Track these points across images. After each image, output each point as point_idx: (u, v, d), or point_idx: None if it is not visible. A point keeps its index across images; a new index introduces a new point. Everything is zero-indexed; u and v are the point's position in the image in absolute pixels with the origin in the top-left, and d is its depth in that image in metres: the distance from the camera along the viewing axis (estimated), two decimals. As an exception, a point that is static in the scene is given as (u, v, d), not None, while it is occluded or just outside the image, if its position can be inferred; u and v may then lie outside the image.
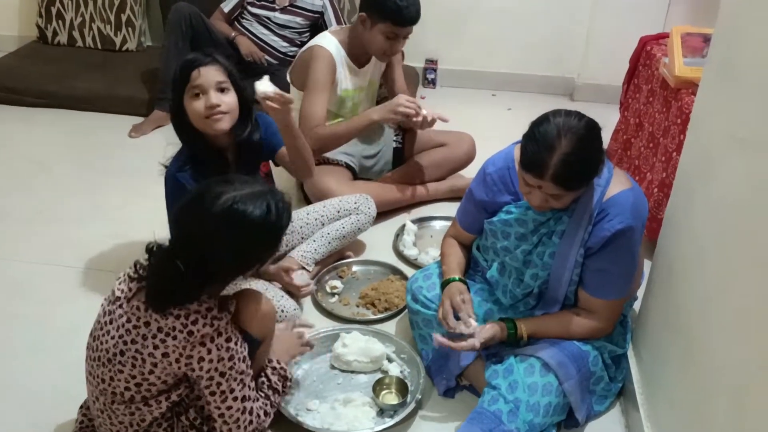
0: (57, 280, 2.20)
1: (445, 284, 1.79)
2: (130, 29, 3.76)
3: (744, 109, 1.28)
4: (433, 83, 3.74)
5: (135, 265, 1.39)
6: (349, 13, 3.57)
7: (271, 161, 2.10)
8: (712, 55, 1.49)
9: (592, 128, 1.52)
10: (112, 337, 1.37)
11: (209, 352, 1.33)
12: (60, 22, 3.78)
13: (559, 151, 1.47)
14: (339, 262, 2.30)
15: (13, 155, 2.98)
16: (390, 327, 2.04)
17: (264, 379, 1.58)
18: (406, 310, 2.02)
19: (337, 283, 2.20)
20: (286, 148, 1.98)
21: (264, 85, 1.81)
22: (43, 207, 2.61)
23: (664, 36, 2.58)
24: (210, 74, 1.76)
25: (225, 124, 1.80)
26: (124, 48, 3.79)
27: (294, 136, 1.95)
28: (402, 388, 1.78)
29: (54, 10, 3.76)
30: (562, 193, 1.53)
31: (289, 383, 1.63)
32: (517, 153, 1.74)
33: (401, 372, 1.85)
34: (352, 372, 1.86)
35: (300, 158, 2.00)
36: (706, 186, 1.44)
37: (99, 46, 3.80)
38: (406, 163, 2.66)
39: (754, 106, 1.23)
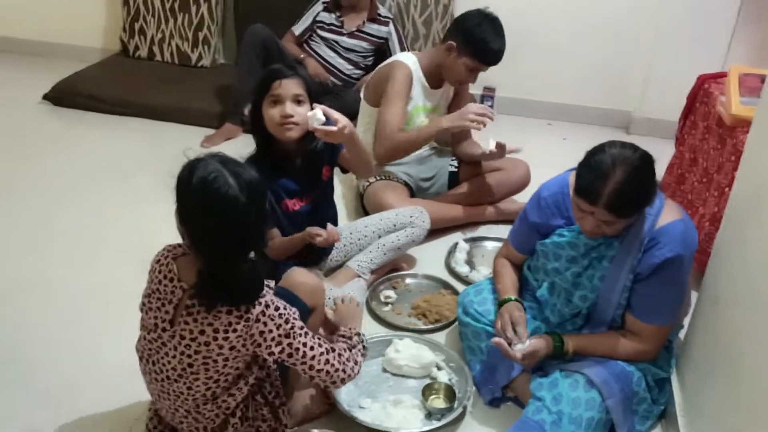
0: (133, 280, 2.35)
1: (502, 303, 1.88)
2: (206, 47, 4.00)
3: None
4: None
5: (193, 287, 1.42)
6: (412, 40, 3.73)
7: (333, 168, 2.21)
8: (766, 94, 1.57)
9: (645, 160, 1.61)
10: (173, 357, 1.44)
11: (265, 324, 1.42)
12: (142, 37, 4.05)
13: (613, 180, 1.56)
14: (393, 274, 2.42)
15: (94, 159, 3.20)
16: (440, 338, 2.14)
17: (339, 338, 1.67)
18: (456, 323, 2.12)
19: (391, 293, 2.32)
20: (347, 152, 2.13)
21: (314, 118, 1.92)
22: (121, 210, 2.80)
23: (722, 75, 2.64)
24: (290, 86, 1.92)
25: (295, 133, 1.96)
26: (200, 64, 4.03)
27: (352, 144, 2.07)
28: (450, 394, 1.87)
29: (137, 26, 4.04)
30: (614, 220, 1.62)
31: (363, 339, 1.71)
32: (571, 179, 1.83)
33: (449, 379, 1.94)
34: (403, 376, 1.97)
35: (359, 161, 2.15)
36: (756, 219, 1.51)
37: (176, 61, 4.05)
38: (462, 185, 2.77)
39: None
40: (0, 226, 2.65)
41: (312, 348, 1.49)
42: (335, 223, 2.33)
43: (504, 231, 2.63)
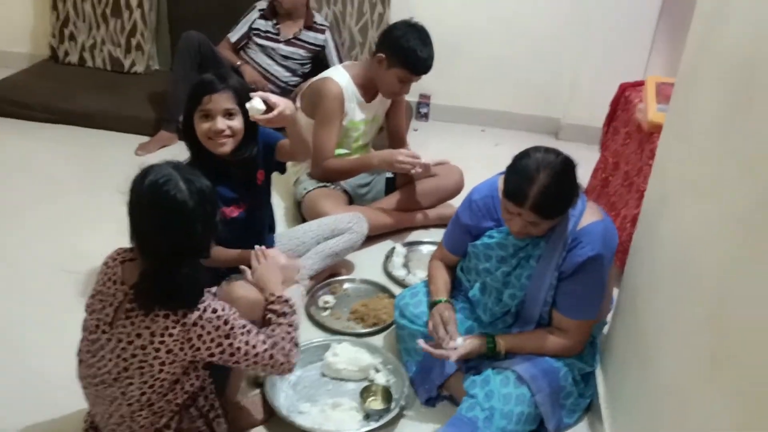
0: (64, 286, 2.32)
1: (433, 304, 1.94)
2: (139, 53, 3.94)
3: (695, 153, 1.46)
4: (425, 117, 3.94)
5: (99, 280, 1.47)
6: (348, 48, 3.78)
7: (268, 172, 2.19)
8: (673, 102, 1.68)
9: (567, 164, 1.70)
10: (110, 360, 1.44)
11: (203, 327, 1.42)
12: (72, 43, 3.95)
13: (538, 183, 1.65)
14: (332, 279, 2.45)
15: (21, 168, 3.11)
16: (378, 341, 2.18)
17: (270, 315, 1.63)
18: (393, 326, 2.17)
19: (330, 298, 2.35)
20: (289, 138, 2.09)
21: (254, 109, 1.90)
22: (53, 218, 2.74)
23: (641, 83, 2.79)
24: (220, 101, 1.91)
25: (228, 147, 1.95)
26: (133, 70, 3.96)
27: (293, 125, 2.04)
28: (387, 395, 1.92)
29: (67, 32, 3.94)
30: (539, 221, 1.70)
31: (292, 303, 1.65)
32: (501, 183, 1.91)
33: (387, 381, 1.99)
34: (341, 380, 2.00)
35: (300, 142, 2.10)
36: (665, 218, 1.62)
37: (108, 67, 3.97)
38: (398, 191, 2.83)
39: (702, 150, 1.41)
40: None
41: (254, 346, 1.50)
42: (273, 229, 2.35)
43: (439, 235, 2.68)
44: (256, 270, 1.74)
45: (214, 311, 1.45)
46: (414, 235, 2.80)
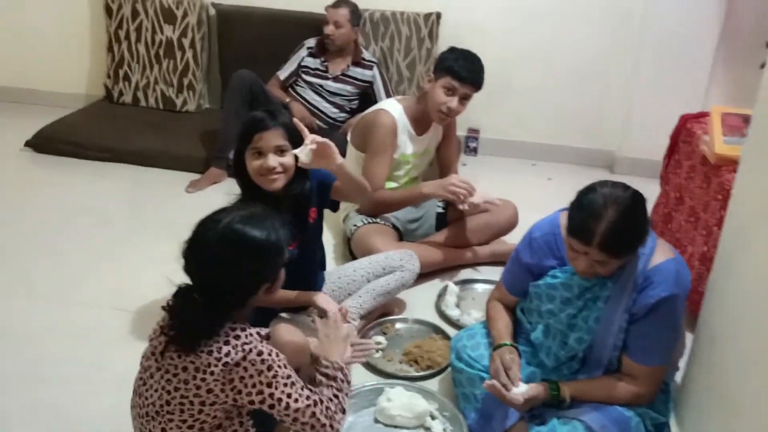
0: (114, 324, 2.31)
1: (496, 349, 1.84)
2: (190, 92, 4.00)
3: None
4: (474, 151, 3.88)
5: (163, 310, 1.44)
6: (396, 84, 3.77)
7: (321, 209, 2.18)
8: (752, 134, 1.58)
9: (637, 199, 1.60)
10: (156, 390, 1.41)
11: (246, 369, 1.36)
12: (126, 83, 4.05)
13: (606, 220, 1.56)
14: (383, 319, 2.37)
15: (76, 206, 3.16)
16: (433, 384, 2.09)
17: (321, 377, 1.57)
18: (449, 369, 2.07)
19: (381, 339, 2.27)
20: (340, 183, 2.09)
21: (303, 156, 1.88)
22: (103, 255, 2.76)
23: (704, 115, 2.68)
24: (271, 138, 1.89)
25: (279, 183, 1.93)
26: (184, 109, 4.02)
27: (345, 175, 2.05)
28: (445, 445, 1.82)
29: (122, 72, 4.04)
30: (608, 260, 1.60)
31: (347, 373, 1.60)
32: (562, 219, 1.83)
33: (444, 429, 1.89)
34: (396, 427, 1.91)
35: (355, 187, 2.12)
36: (744, 258, 1.51)
37: (161, 106, 4.04)
38: (450, 227, 2.75)
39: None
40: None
41: (296, 400, 1.43)
42: (323, 266, 2.30)
43: (493, 272, 2.63)
44: (322, 333, 1.69)
45: (260, 354, 1.39)
46: (466, 273, 2.72)
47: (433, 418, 1.93)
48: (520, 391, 1.71)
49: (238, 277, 1.39)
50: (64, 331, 2.28)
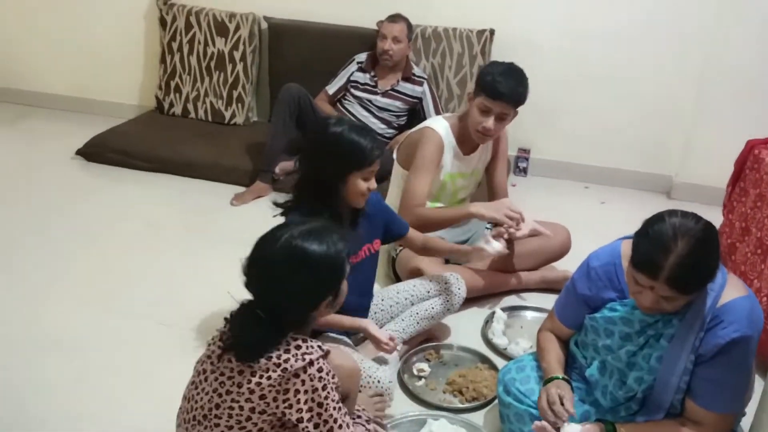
0: (157, 337, 2.29)
1: (547, 382, 1.74)
2: (239, 105, 4.01)
3: None
4: (524, 172, 3.77)
5: (225, 322, 1.44)
6: (446, 101, 3.70)
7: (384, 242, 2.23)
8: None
9: (710, 232, 1.48)
10: (207, 393, 1.40)
11: (303, 383, 1.34)
12: (177, 94, 4.08)
13: (675, 253, 1.44)
14: (426, 345, 2.28)
15: (123, 214, 3.18)
16: (478, 417, 1.99)
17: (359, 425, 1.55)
18: (495, 402, 1.98)
19: (424, 366, 2.18)
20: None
21: (495, 245, 1.88)
22: (149, 265, 2.75)
23: (773, 141, 2.53)
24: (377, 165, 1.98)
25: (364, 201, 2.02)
26: (233, 122, 4.03)
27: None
28: (490, 484, 1.72)
29: (173, 84, 4.08)
30: (675, 296, 1.48)
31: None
32: (624, 249, 1.72)
33: (489, 467, 1.79)
34: (439, 461, 1.82)
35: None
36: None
37: (210, 118, 4.06)
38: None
39: None
40: (34, 279, 2.61)
41: (341, 426, 1.39)
42: (371, 293, 2.23)
43: (544, 300, 2.52)
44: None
45: (320, 371, 1.36)
46: (514, 299, 2.61)
47: (477, 454, 1.83)
48: (574, 430, 1.60)
49: (299, 292, 1.39)
50: (108, 341, 2.27)
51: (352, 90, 3.53)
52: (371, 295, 2.23)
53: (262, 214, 1.54)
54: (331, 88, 3.57)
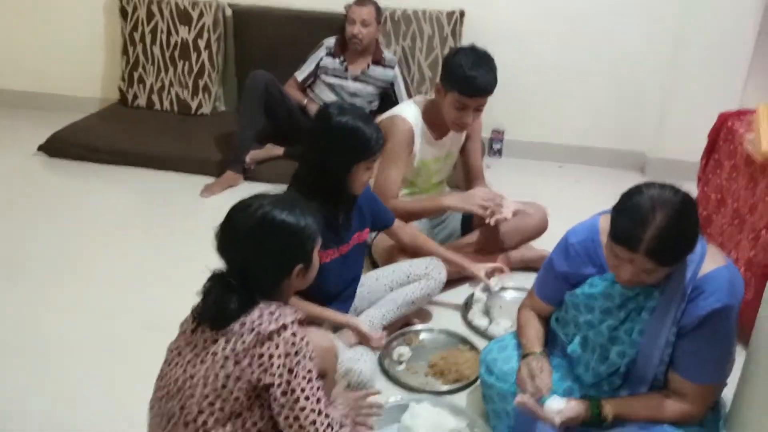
0: (120, 334, 2.22)
1: (524, 358, 1.71)
2: (206, 94, 3.92)
3: None
4: (499, 153, 3.75)
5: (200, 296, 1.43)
6: (418, 84, 3.65)
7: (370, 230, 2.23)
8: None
9: (688, 202, 1.46)
10: (180, 366, 1.39)
11: (277, 346, 1.33)
12: (141, 86, 3.97)
13: (654, 225, 1.42)
14: (406, 329, 2.25)
15: (91, 210, 3.08)
16: (461, 399, 1.96)
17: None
18: (478, 382, 1.95)
19: (405, 350, 2.14)
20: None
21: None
22: (117, 260, 2.67)
23: (745, 113, 2.53)
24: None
25: None
26: (200, 112, 3.93)
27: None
28: (476, 466, 1.69)
29: (136, 75, 3.96)
30: (655, 268, 1.46)
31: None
32: (602, 223, 1.70)
33: (474, 449, 1.76)
34: (423, 446, 1.78)
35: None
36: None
37: (176, 109, 3.96)
38: (476, 231, 2.62)
39: None
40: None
41: (308, 398, 1.36)
42: (358, 280, 2.21)
43: (522, 279, 2.49)
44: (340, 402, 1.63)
45: (294, 335, 1.36)
46: (493, 281, 2.57)
47: (462, 436, 1.80)
48: (557, 408, 1.57)
49: (268, 258, 1.40)
50: (85, 345, 2.19)
51: (322, 76, 3.46)
52: (358, 281, 2.19)
53: (214, 248, 1.50)
54: (300, 75, 3.49)
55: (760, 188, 2.13)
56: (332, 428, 1.41)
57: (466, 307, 2.38)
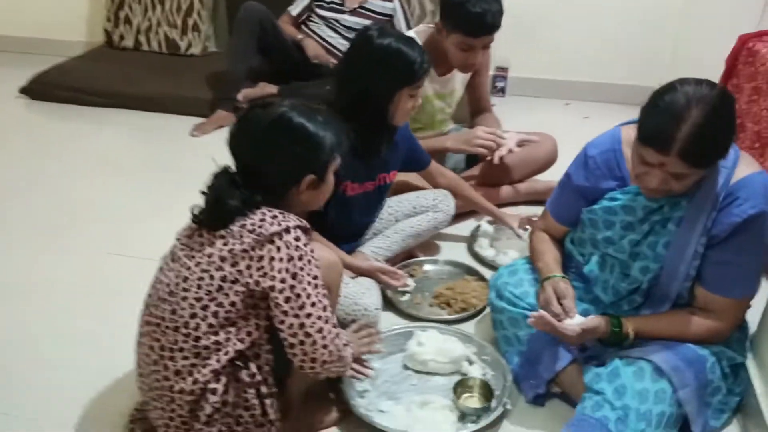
0: (122, 270, 2.10)
1: (545, 280, 1.59)
2: (196, 33, 3.74)
3: None
4: (502, 92, 3.59)
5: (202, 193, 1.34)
6: (418, 18, 3.47)
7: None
8: None
9: (725, 98, 1.33)
10: (172, 270, 1.31)
11: (278, 249, 1.25)
12: (127, 26, 3.79)
13: (690, 122, 1.28)
14: (410, 260, 2.13)
15: (79, 152, 2.94)
16: (468, 328, 1.85)
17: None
18: (486, 312, 1.84)
19: (409, 281, 2.01)
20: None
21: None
22: (106, 200, 2.54)
23: (766, 33, 2.38)
24: None
25: None
26: (189, 53, 3.76)
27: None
28: (486, 391, 1.58)
29: (122, 15, 3.78)
30: (687, 171, 1.33)
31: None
32: (624, 134, 1.58)
33: (483, 374, 1.65)
34: (428, 373, 1.67)
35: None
36: None
37: (164, 50, 3.79)
38: (481, 163, 2.48)
39: None
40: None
41: (314, 304, 1.26)
42: (373, 219, 2.08)
43: (531, 212, 2.36)
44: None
45: (297, 239, 1.27)
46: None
47: (470, 363, 1.69)
48: (576, 321, 1.46)
49: (278, 158, 1.33)
50: (71, 278, 2.08)
51: (318, 10, 3.28)
52: (369, 227, 2.07)
53: (225, 144, 1.38)
54: (295, 9, 3.31)
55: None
56: (340, 339, 1.31)
57: (472, 238, 2.26)
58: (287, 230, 1.26)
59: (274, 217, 1.28)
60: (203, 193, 1.33)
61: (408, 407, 1.55)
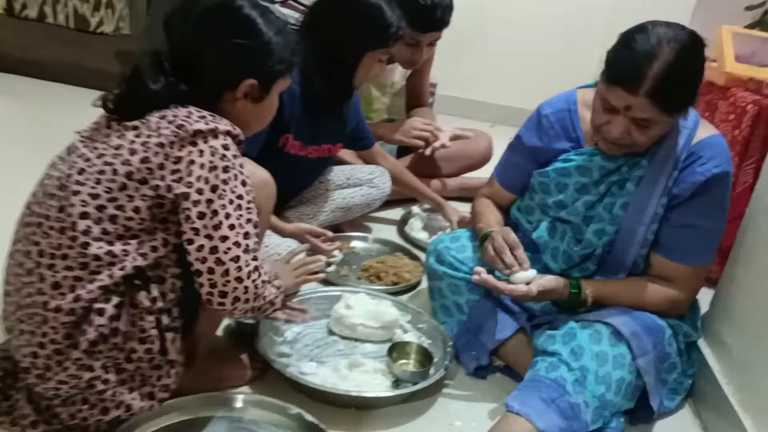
0: None
1: (484, 238, 1.45)
2: (109, 11, 3.44)
3: None
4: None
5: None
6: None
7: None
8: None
9: (696, 40, 1.28)
10: (66, 162, 1.08)
11: (201, 154, 1.05)
12: (32, -6, 3.45)
13: (661, 59, 1.22)
14: (337, 234, 1.93)
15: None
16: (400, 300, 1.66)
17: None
18: (418, 288, 1.68)
19: (335, 252, 1.82)
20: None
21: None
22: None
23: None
24: None
25: None
26: (99, 30, 3.45)
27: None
28: (424, 358, 1.40)
29: (27, -18, 3.44)
30: (654, 116, 1.25)
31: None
32: (581, 95, 1.51)
33: (420, 342, 1.47)
34: (357, 340, 1.47)
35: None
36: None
37: (72, 24, 3.46)
38: (413, 153, 2.36)
39: None
40: None
41: (233, 227, 1.06)
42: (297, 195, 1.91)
43: (462, 208, 2.26)
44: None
45: (226, 147, 1.07)
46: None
47: (404, 331, 1.50)
48: (528, 275, 1.31)
49: (215, 48, 1.13)
50: None
51: None
52: (299, 194, 1.90)
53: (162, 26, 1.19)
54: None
55: (721, 111, 2.03)
56: (259, 274, 1.09)
57: (404, 222, 2.11)
58: (214, 133, 1.06)
59: (203, 116, 1.08)
60: (121, 76, 1.11)
61: (335, 368, 1.34)
